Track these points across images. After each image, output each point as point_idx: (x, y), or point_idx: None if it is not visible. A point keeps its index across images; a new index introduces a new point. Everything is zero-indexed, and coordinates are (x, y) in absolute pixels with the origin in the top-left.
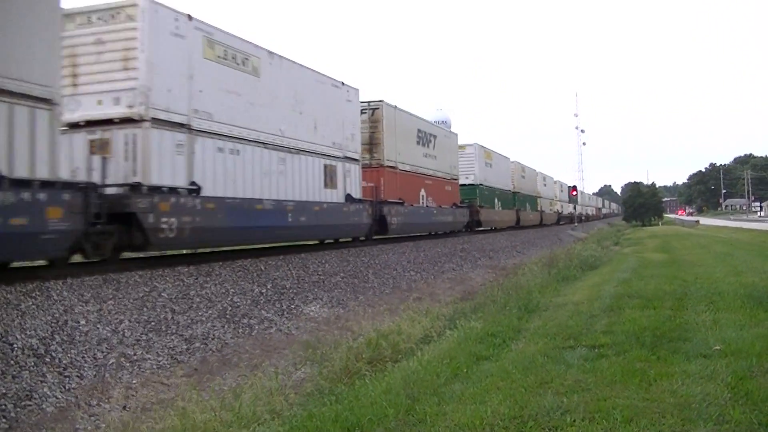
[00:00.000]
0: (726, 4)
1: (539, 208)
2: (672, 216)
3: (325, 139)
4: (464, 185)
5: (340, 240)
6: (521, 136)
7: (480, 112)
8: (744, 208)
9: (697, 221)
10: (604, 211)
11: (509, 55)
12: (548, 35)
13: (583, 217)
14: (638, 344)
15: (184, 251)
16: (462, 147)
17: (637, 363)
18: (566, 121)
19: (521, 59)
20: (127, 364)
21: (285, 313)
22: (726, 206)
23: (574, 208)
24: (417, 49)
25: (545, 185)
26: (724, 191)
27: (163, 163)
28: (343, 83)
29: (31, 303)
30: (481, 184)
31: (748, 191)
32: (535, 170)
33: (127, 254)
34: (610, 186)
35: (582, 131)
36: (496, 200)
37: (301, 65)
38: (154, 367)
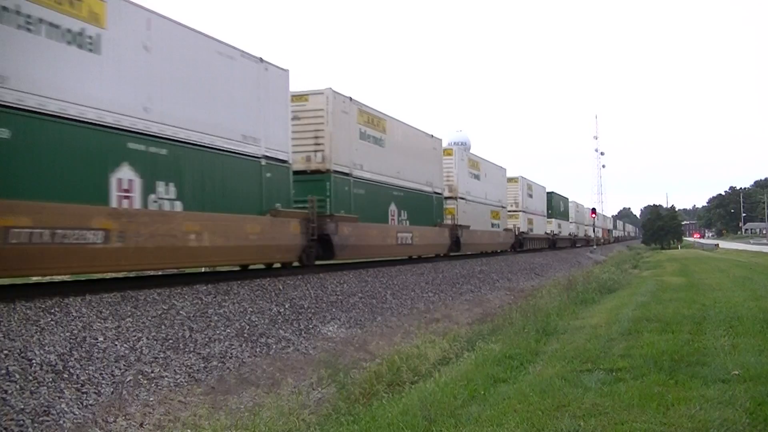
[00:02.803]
0: (746, 27)
1: (453, 221)
2: (691, 239)
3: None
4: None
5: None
6: (541, 159)
7: (501, 137)
8: (765, 232)
9: (717, 245)
10: (616, 233)
11: (530, 78)
12: (568, 59)
13: (595, 242)
14: (656, 368)
15: (203, 269)
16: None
17: (655, 387)
18: (586, 144)
19: (542, 83)
20: (145, 382)
21: (303, 332)
22: (746, 230)
23: (590, 228)
24: (438, 72)
25: (480, 178)
26: (744, 215)
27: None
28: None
29: (50, 319)
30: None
31: None
32: (438, 140)
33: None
34: (629, 209)
35: (602, 153)
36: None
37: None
38: (172, 384)
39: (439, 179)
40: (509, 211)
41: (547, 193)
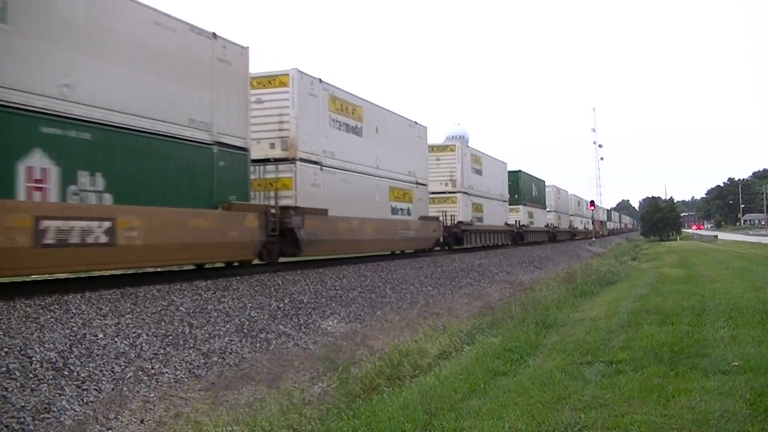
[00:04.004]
0: (744, 20)
1: (275, 200)
2: (690, 231)
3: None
4: None
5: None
6: (540, 153)
7: (499, 129)
8: (763, 223)
9: (716, 236)
10: (611, 225)
11: (528, 72)
12: (566, 52)
13: (594, 234)
14: (656, 360)
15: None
16: None
17: (655, 379)
18: (584, 137)
19: (540, 77)
20: (145, 378)
21: (302, 327)
22: (745, 221)
23: (576, 218)
24: (437, 65)
25: (362, 134)
26: (742, 206)
27: None
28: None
29: (49, 316)
30: None
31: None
32: (237, 47)
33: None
34: (628, 201)
35: (600, 146)
36: None
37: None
38: (172, 380)
39: (238, 122)
40: (438, 193)
41: (511, 171)
